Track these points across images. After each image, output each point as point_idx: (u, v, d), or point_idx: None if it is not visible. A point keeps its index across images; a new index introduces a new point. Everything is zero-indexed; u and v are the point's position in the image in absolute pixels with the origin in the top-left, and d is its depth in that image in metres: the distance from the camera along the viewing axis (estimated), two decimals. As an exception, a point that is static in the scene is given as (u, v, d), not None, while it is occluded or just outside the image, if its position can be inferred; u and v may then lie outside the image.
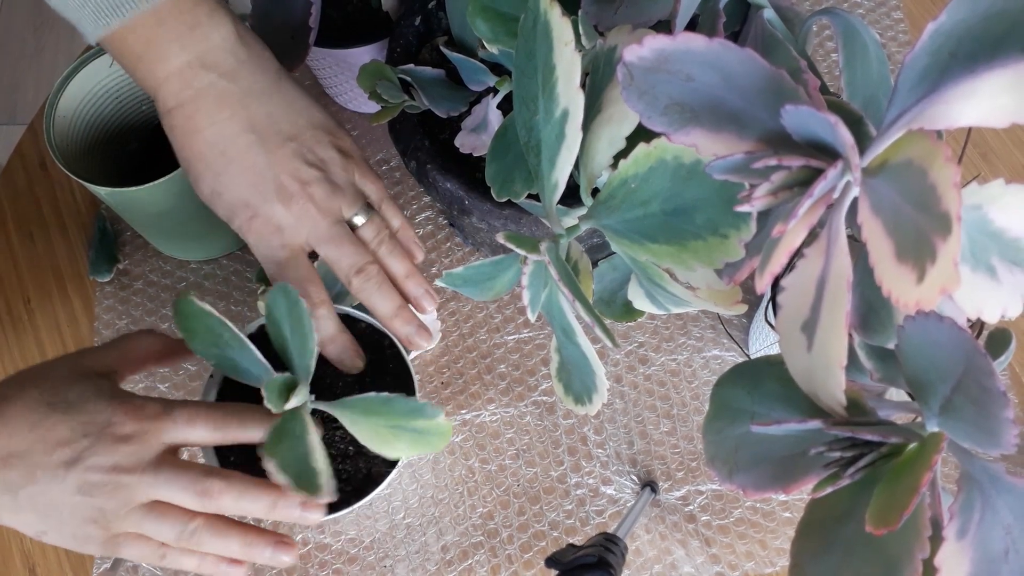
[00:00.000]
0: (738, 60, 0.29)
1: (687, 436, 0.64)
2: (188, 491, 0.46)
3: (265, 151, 0.51)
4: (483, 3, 0.48)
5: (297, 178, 0.51)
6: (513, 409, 0.65)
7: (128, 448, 0.45)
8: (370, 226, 0.54)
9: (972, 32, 0.26)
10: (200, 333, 0.51)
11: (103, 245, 0.71)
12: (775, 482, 0.33)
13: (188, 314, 0.51)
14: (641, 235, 0.34)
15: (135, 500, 0.45)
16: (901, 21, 0.77)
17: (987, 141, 0.71)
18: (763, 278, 0.28)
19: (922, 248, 0.24)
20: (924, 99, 0.26)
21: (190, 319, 0.51)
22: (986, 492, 0.28)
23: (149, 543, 0.46)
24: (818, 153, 0.28)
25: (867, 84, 0.38)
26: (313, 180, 0.52)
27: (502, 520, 0.62)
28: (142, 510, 0.45)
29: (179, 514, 0.46)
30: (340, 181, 0.53)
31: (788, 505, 0.62)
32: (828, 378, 0.29)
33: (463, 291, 0.44)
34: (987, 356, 0.26)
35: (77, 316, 0.70)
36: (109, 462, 0.44)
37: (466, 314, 0.68)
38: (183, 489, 0.45)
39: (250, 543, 0.48)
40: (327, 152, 0.53)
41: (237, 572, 0.49)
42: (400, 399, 0.48)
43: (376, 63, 0.57)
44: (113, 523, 0.45)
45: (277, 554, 0.49)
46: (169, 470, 0.46)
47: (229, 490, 0.46)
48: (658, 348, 0.66)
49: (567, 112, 0.35)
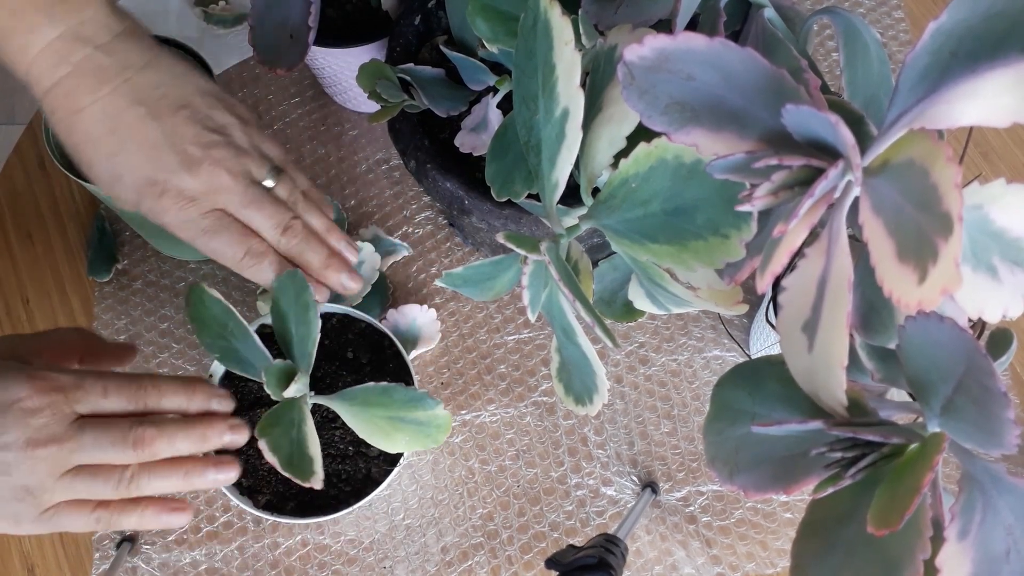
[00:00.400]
0: (739, 59, 0.29)
1: (688, 437, 0.63)
2: (118, 445, 0.45)
3: (158, 122, 0.48)
4: (483, 2, 0.48)
5: (199, 143, 0.49)
6: (513, 410, 0.65)
7: (39, 420, 0.44)
8: (282, 186, 0.52)
9: (973, 31, 0.25)
10: (209, 323, 0.51)
11: (102, 245, 0.71)
12: (776, 483, 0.33)
13: (199, 302, 0.51)
14: (642, 235, 0.34)
15: (60, 468, 0.44)
16: (902, 20, 0.77)
17: (988, 140, 0.71)
18: (764, 278, 0.28)
19: (924, 248, 0.24)
20: (925, 99, 0.26)
21: (200, 307, 0.51)
22: (987, 492, 0.28)
23: (83, 509, 0.45)
24: (819, 153, 0.28)
25: (868, 83, 0.38)
26: (216, 144, 0.49)
27: (502, 521, 0.62)
28: (69, 475, 0.44)
29: (110, 468, 0.45)
30: (243, 144, 0.51)
31: (789, 506, 0.61)
32: (829, 378, 0.29)
33: (463, 291, 0.43)
34: (988, 356, 0.26)
35: (76, 316, 0.70)
36: (22, 437, 0.43)
37: (466, 314, 0.68)
38: (113, 445, 0.45)
39: (189, 472, 0.47)
40: (224, 117, 0.51)
41: (181, 517, 0.48)
42: (399, 388, 0.48)
43: (375, 62, 0.57)
44: (42, 497, 0.44)
45: (221, 472, 0.48)
46: (91, 430, 0.44)
47: (160, 433, 0.45)
48: (659, 348, 0.66)
49: (567, 111, 0.35)
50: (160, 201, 0.49)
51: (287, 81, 0.77)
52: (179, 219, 0.49)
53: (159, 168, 0.48)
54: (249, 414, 0.55)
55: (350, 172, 0.73)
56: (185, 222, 0.49)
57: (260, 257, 0.50)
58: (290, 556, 0.62)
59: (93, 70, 0.47)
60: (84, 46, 0.47)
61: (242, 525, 0.63)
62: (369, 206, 0.72)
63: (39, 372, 0.45)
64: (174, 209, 0.49)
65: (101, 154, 0.48)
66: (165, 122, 0.48)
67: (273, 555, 0.62)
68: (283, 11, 0.58)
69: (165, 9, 0.80)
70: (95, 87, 0.47)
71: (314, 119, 0.75)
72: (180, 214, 0.49)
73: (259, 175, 0.51)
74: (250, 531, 0.62)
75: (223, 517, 0.63)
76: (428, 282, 0.69)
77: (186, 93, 0.50)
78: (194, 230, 0.49)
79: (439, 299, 0.68)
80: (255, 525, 0.63)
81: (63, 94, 0.47)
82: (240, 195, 0.50)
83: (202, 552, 0.62)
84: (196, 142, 0.49)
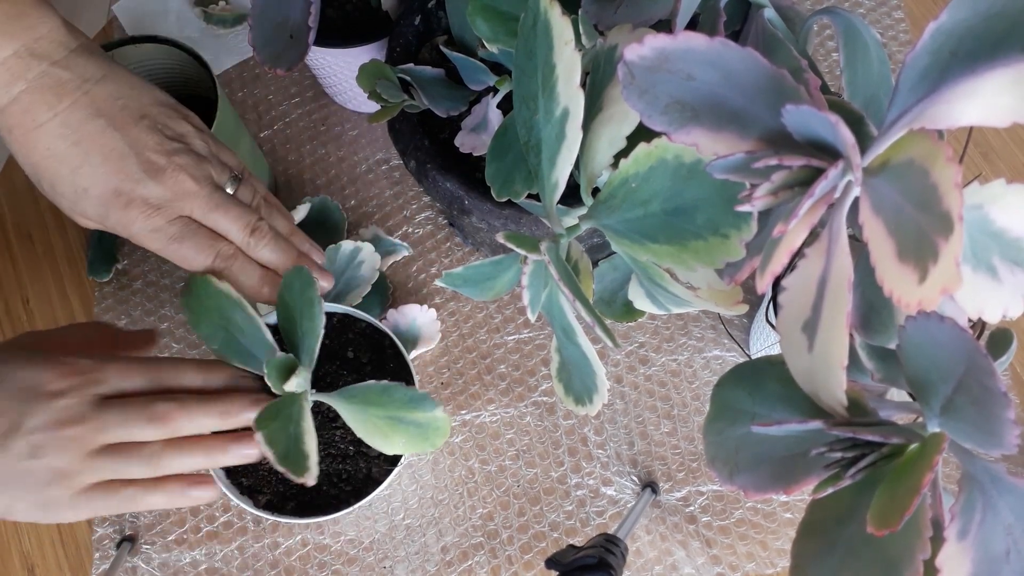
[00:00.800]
0: (739, 59, 0.29)
1: (688, 437, 0.63)
2: (140, 421, 0.45)
3: (121, 132, 0.48)
4: (483, 2, 0.48)
5: (162, 151, 0.49)
6: (513, 409, 0.65)
7: (63, 402, 0.45)
8: (244, 190, 0.53)
9: (973, 31, 0.25)
10: (208, 315, 0.51)
11: (102, 245, 0.71)
12: (776, 483, 0.33)
13: (201, 294, 0.51)
14: (642, 235, 0.34)
15: (87, 448, 0.45)
16: (902, 20, 0.77)
17: (988, 140, 0.71)
18: (764, 278, 0.28)
19: (924, 248, 0.24)
20: (925, 98, 0.26)
21: (202, 299, 0.51)
22: (987, 493, 0.28)
23: (115, 490, 0.46)
24: (819, 153, 0.28)
25: (868, 83, 0.38)
26: (178, 151, 0.50)
27: (502, 521, 0.62)
28: (98, 455, 0.45)
29: (136, 446, 0.46)
30: (203, 151, 0.51)
31: (789, 506, 0.61)
32: (829, 378, 0.29)
33: (463, 291, 0.43)
34: (988, 356, 0.26)
35: (76, 316, 0.70)
36: (48, 419, 0.44)
37: (466, 314, 0.68)
38: (135, 421, 0.45)
39: (210, 448, 0.48)
40: (182, 126, 0.51)
41: (206, 492, 0.49)
42: (399, 387, 0.48)
43: (375, 63, 0.57)
44: (74, 479, 0.45)
45: (241, 448, 0.48)
46: (114, 409, 0.45)
47: (181, 409, 0.46)
48: (659, 348, 0.66)
49: (567, 111, 0.35)
50: (127, 212, 0.48)
51: (287, 81, 0.77)
52: (146, 228, 0.49)
53: (124, 177, 0.48)
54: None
55: (350, 172, 0.73)
56: (152, 231, 0.49)
57: (230, 260, 0.51)
58: (290, 556, 0.62)
59: (51, 85, 0.47)
60: (40, 62, 0.47)
61: (242, 525, 0.63)
62: (369, 206, 0.72)
63: (60, 358, 0.46)
64: (141, 219, 0.49)
65: (65, 169, 0.48)
66: (127, 132, 0.48)
67: (273, 555, 0.62)
68: (283, 11, 0.58)
69: (165, 9, 0.80)
70: (54, 101, 0.47)
71: (314, 119, 0.76)
72: (147, 223, 0.49)
73: (221, 180, 0.51)
74: (250, 531, 0.62)
75: (223, 517, 0.63)
76: (428, 282, 0.69)
77: (144, 104, 0.50)
78: (162, 239, 0.49)
79: (439, 299, 0.68)
80: (255, 525, 0.63)
81: (21, 111, 0.47)
82: (205, 200, 0.50)
83: (202, 552, 0.62)
84: (158, 150, 0.49)
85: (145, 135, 0.49)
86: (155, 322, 0.69)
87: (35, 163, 0.48)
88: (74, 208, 0.49)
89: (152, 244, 0.50)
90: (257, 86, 0.77)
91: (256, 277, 0.52)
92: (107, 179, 0.48)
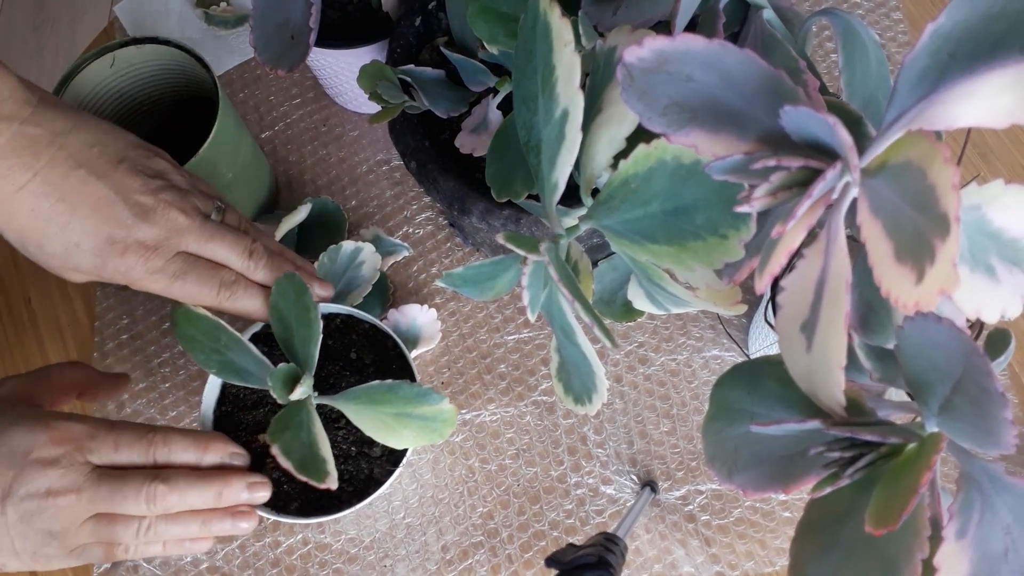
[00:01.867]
0: (737, 61, 0.29)
1: (687, 436, 0.64)
2: (132, 500, 0.46)
3: (103, 179, 0.48)
4: (483, 4, 0.48)
5: (147, 191, 0.49)
6: (513, 409, 0.65)
7: (56, 472, 0.45)
8: (231, 215, 0.53)
9: (971, 32, 0.26)
10: (200, 340, 0.51)
11: (103, 245, 0.71)
12: (775, 482, 0.33)
13: (185, 321, 0.51)
14: (641, 235, 0.34)
15: (80, 517, 0.45)
16: (901, 22, 0.77)
17: (986, 141, 0.72)
18: (762, 278, 0.28)
19: (921, 249, 0.24)
20: (923, 100, 0.26)
21: (188, 326, 0.51)
22: (985, 492, 0.28)
23: (110, 545, 0.47)
24: (817, 154, 0.28)
25: (866, 85, 0.38)
26: (162, 188, 0.49)
27: (502, 520, 0.62)
28: (92, 522, 0.46)
29: (130, 516, 0.47)
30: (184, 185, 0.51)
31: (788, 505, 0.62)
32: (827, 378, 0.29)
33: (463, 291, 0.44)
34: (986, 356, 0.26)
35: (78, 316, 0.70)
36: (41, 487, 0.45)
37: (466, 314, 0.68)
38: (127, 499, 0.46)
39: (207, 520, 0.48)
40: (159, 164, 0.51)
41: (204, 544, 0.49)
42: (405, 385, 0.49)
43: (376, 63, 0.57)
44: (68, 540, 0.45)
45: (237, 523, 0.49)
46: (109, 484, 0.46)
47: (172, 491, 0.47)
48: (658, 348, 0.66)
49: (567, 112, 0.35)
50: (124, 259, 0.48)
51: (288, 82, 0.77)
52: (147, 271, 0.49)
53: (116, 224, 0.48)
54: (252, 413, 0.55)
55: (351, 173, 0.73)
56: (153, 273, 0.49)
57: (233, 287, 0.51)
58: (291, 555, 0.62)
59: (25, 145, 0.46)
60: (9, 124, 0.46)
61: (243, 524, 0.63)
62: (370, 207, 0.72)
63: (53, 422, 0.46)
64: (140, 263, 0.48)
65: (53, 227, 0.47)
66: (109, 178, 0.48)
67: (274, 553, 0.62)
68: (284, 12, 0.58)
69: (166, 10, 0.81)
70: (31, 161, 0.46)
71: (315, 120, 0.76)
72: (147, 265, 0.48)
73: (207, 210, 0.51)
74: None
75: (224, 516, 0.63)
76: (428, 282, 0.69)
77: (120, 147, 0.49)
78: (164, 279, 0.49)
79: (439, 299, 0.69)
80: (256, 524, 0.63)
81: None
82: (198, 231, 0.50)
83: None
84: (144, 190, 0.48)
85: (128, 178, 0.48)
86: (157, 321, 0.69)
87: (20, 227, 0.47)
88: (65, 265, 0.49)
89: (155, 286, 0.49)
90: (258, 87, 0.77)
91: (261, 299, 0.52)
92: (98, 229, 0.47)
